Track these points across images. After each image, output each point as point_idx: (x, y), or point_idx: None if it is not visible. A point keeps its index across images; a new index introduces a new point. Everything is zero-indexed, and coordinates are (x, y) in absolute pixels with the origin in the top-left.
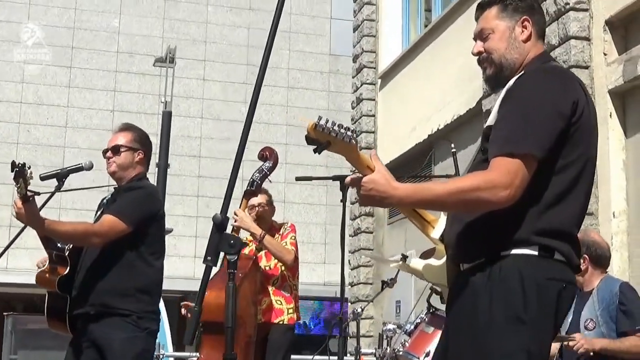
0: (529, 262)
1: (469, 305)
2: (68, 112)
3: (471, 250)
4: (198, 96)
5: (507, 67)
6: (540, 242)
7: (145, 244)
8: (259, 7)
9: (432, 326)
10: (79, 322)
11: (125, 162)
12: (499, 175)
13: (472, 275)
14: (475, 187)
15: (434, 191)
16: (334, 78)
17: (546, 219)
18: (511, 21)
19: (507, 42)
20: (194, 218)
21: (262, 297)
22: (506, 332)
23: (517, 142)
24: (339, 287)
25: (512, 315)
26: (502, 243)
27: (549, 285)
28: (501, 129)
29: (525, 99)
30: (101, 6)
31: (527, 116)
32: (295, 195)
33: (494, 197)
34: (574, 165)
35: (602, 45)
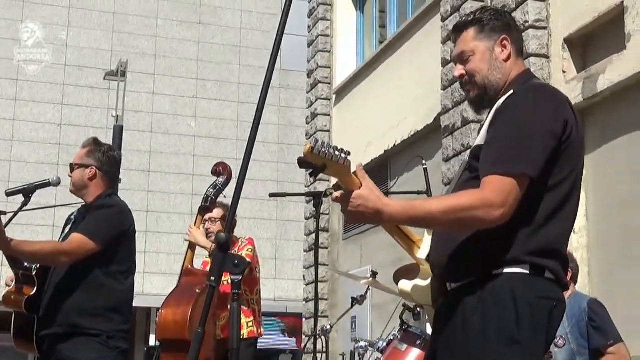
0: (520, 281)
1: (460, 325)
2: (14, 125)
3: (461, 270)
4: (147, 110)
5: (491, 88)
6: (532, 261)
7: (115, 263)
8: (208, 22)
9: (405, 343)
10: (47, 342)
11: (77, 179)
12: (494, 194)
13: (463, 295)
14: (470, 206)
15: (426, 209)
16: (285, 93)
17: (538, 237)
18: (490, 41)
19: (488, 63)
20: (142, 233)
21: (220, 313)
22: (501, 352)
23: (512, 162)
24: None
25: (506, 335)
26: (494, 262)
27: (540, 304)
28: (494, 148)
29: (518, 118)
30: (48, 18)
31: (521, 136)
32: (245, 210)
33: (488, 216)
34: (565, 183)
35: (561, 62)
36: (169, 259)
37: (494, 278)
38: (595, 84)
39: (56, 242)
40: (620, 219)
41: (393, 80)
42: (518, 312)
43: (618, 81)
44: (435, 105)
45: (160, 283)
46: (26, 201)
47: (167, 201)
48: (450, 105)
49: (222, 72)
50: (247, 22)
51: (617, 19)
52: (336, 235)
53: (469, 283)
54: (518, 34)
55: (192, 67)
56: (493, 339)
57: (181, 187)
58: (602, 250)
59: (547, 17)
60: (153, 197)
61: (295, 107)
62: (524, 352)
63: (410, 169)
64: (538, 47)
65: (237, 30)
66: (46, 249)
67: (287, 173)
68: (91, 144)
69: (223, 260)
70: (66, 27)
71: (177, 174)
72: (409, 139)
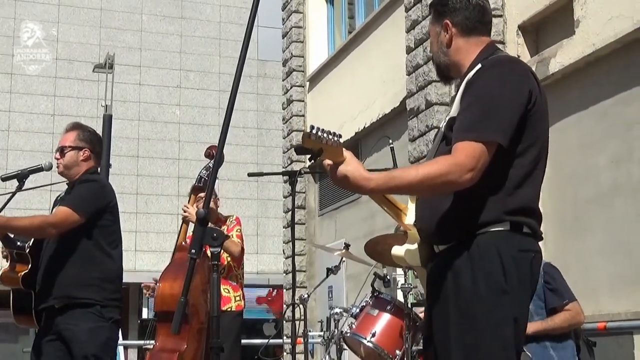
0: (502, 237)
1: (451, 283)
2: (10, 116)
3: (447, 232)
4: (135, 100)
5: (444, 68)
6: (511, 219)
7: (101, 234)
8: (190, 16)
9: (377, 309)
10: (44, 315)
11: (70, 161)
12: (464, 158)
13: (451, 255)
14: (444, 172)
15: (405, 179)
16: (262, 82)
17: (514, 198)
18: (437, 26)
19: (437, 45)
20: (133, 214)
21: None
22: (492, 303)
23: (482, 129)
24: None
25: (496, 287)
26: (476, 223)
27: (522, 256)
28: (466, 117)
29: (486, 89)
30: (39, 15)
31: (490, 105)
32: (228, 190)
33: (459, 178)
34: (533, 148)
35: (516, 47)
36: (158, 238)
37: (478, 237)
38: (548, 66)
39: (44, 216)
40: (570, 191)
41: (362, 67)
42: (504, 266)
43: (568, 64)
44: (401, 90)
45: (151, 260)
46: (20, 185)
47: (155, 184)
48: (415, 89)
49: (203, 63)
50: (225, 15)
51: (567, 6)
52: (312, 211)
53: (456, 244)
54: (469, 12)
55: (176, 58)
56: (484, 292)
57: (168, 171)
58: (556, 219)
59: (502, 5)
60: (142, 180)
61: (273, 94)
62: (512, 301)
63: (378, 149)
64: (494, 34)
65: (216, 24)
66: (34, 222)
67: (266, 155)
68: (77, 127)
69: (203, 233)
70: (56, 24)
71: (164, 158)
72: (377, 121)
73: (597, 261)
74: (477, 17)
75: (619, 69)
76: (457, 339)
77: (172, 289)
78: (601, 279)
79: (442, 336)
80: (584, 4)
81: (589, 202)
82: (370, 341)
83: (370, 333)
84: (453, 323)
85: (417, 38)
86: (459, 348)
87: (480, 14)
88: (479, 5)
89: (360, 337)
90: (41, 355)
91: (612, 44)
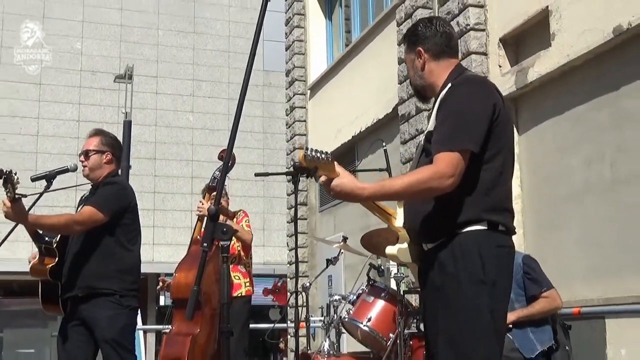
0: (481, 235)
1: (437, 276)
2: (39, 122)
3: (432, 232)
4: (152, 107)
5: (420, 89)
6: (487, 218)
7: (122, 232)
8: (202, 31)
9: (372, 296)
10: (69, 303)
11: (95, 164)
12: (445, 166)
13: (437, 253)
14: (427, 179)
15: (393, 187)
16: (267, 90)
17: (489, 198)
18: (412, 54)
19: (412, 70)
20: (151, 211)
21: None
22: (472, 292)
23: (456, 140)
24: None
25: (475, 279)
26: (457, 223)
27: (499, 251)
28: (441, 131)
29: (457, 106)
30: (64, 31)
31: (461, 120)
32: (237, 189)
33: (441, 185)
34: (500, 154)
35: (498, 59)
36: (173, 232)
37: (460, 235)
38: (526, 76)
39: (70, 214)
40: (548, 190)
41: (358, 77)
42: (483, 260)
43: (545, 73)
44: (393, 97)
45: (167, 252)
46: (48, 185)
47: (171, 184)
48: (406, 96)
49: (214, 74)
50: (234, 31)
51: (544, 21)
52: (313, 208)
53: (441, 242)
54: (438, 38)
55: (189, 70)
56: (465, 284)
57: (182, 172)
58: (534, 215)
59: (485, 20)
60: (159, 180)
61: (277, 102)
62: (491, 292)
63: (373, 151)
64: (478, 46)
65: (226, 38)
66: (62, 220)
67: (271, 157)
68: (100, 133)
69: (214, 228)
70: (81, 38)
71: (179, 160)
72: (372, 126)
73: (572, 253)
74: (445, 42)
75: (591, 78)
76: (443, 328)
77: (187, 279)
78: (576, 268)
79: (432, 325)
80: (559, 19)
81: (565, 200)
82: (366, 325)
83: (366, 318)
84: (440, 314)
85: None
86: (444, 335)
87: (447, 39)
88: (445, 32)
89: (357, 322)
90: (66, 339)
91: (584, 55)
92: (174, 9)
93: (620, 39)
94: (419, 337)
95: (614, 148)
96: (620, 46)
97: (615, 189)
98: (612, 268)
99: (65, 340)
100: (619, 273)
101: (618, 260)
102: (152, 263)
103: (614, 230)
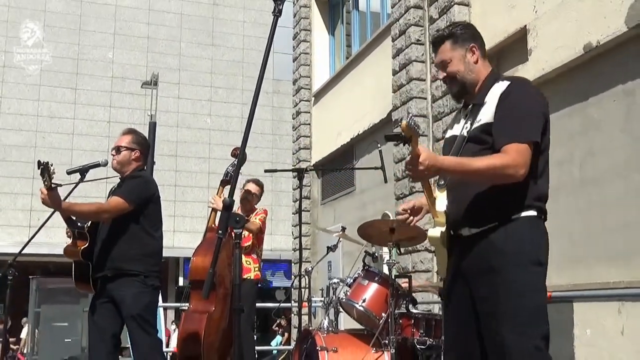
0: (533, 221)
1: (493, 257)
2: (74, 122)
3: (483, 217)
4: (174, 110)
5: (469, 85)
6: (537, 205)
7: (146, 219)
8: (219, 44)
9: (367, 280)
10: (99, 282)
11: (124, 159)
12: (518, 157)
13: (487, 236)
14: (505, 166)
15: (472, 166)
16: (277, 97)
17: (537, 188)
18: (462, 49)
19: (464, 65)
20: (172, 202)
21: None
22: (533, 271)
23: (526, 133)
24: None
25: (535, 260)
26: (511, 209)
27: (545, 237)
28: (509, 124)
29: (521, 102)
30: (98, 42)
31: (526, 115)
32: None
33: (516, 173)
34: (546, 149)
35: None
36: (192, 221)
37: (514, 221)
38: None
39: (100, 203)
40: None
41: (357, 86)
42: (539, 244)
43: None
44: (388, 104)
45: (187, 239)
46: (82, 178)
47: (190, 178)
48: (399, 104)
49: (229, 81)
50: (248, 43)
51: (522, 38)
52: (316, 201)
53: (492, 227)
54: (482, 41)
55: (207, 77)
56: (527, 263)
57: (200, 168)
58: None
59: None
60: (180, 175)
61: (285, 107)
62: (544, 271)
63: (369, 151)
64: None
65: (240, 50)
66: (92, 208)
67: (279, 156)
68: (132, 132)
69: (228, 217)
70: (112, 49)
71: (197, 157)
72: (369, 129)
73: None
74: (484, 45)
75: (563, 89)
76: (504, 310)
77: (204, 262)
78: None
79: (483, 307)
80: (536, 37)
81: None
82: (362, 305)
83: (361, 299)
84: (500, 296)
85: (401, 63)
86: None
87: (485, 45)
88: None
89: (354, 302)
90: (96, 314)
91: (558, 69)
92: (195, 24)
93: (589, 55)
94: (408, 316)
95: (582, 151)
96: (589, 61)
97: (583, 188)
98: (580, 257)
99: (95, 315)
100: (586, 262)
101: (585, 250)
102: (173, 248)
103: (582, 224)
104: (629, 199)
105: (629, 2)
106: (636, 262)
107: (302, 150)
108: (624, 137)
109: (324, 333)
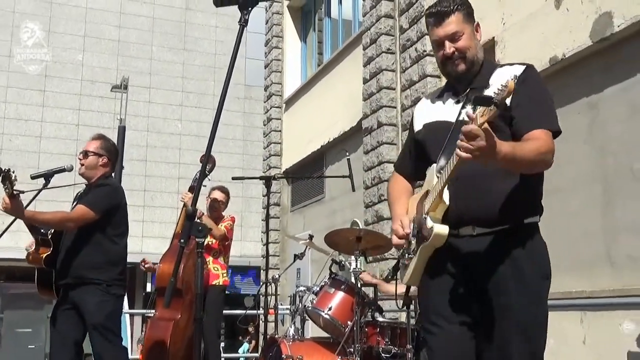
0: (538, 228)
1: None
2: (42, 125)
3: (494, 217)
4: (144, 115)
5: (476, 63)
6: (541, 209)
7: (112, 228)
8: (191, 48)
9: (333, 288)
10: (62, 290)
11: (91, 164)
12: (552, 144)
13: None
14: (547, 151)
15: (524, 151)
16: (248, 103)
17: (540, 190)
18: (471, 25)
19: (473, 42)
20: (141, 207)
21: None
22: (544, 285)
23: (552, 121)
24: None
25: (545, 273)
26: (524, 211)
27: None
28: (533, 109)
29: (541, 88)
30: (68, 44)
31: (548, 101)
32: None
33: (551, 160)
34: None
35: None
36: (161, 227)
37: (526, 227)
38: None
39: (64, 212)
40: None
41: (328, 93)
42: (547, 255)
43: None
44: (358, 112)
45: (155, 244)
46: (46, 183)
47: (160, 183)
48: (369, 112)
49: (200, 86)
50: (220, 49)
51: (490, 50)
52: (285, 208)
53: (506, 229)
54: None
55: (178, 82)
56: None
57: (170, 173)
58: None
59: None
60: (149, 180)
61: (256, 113)
62: (549, 285)
63: (339, 159)
64: (433, 70)
65: (212, 55)
66: (57, 216)
67: (250, 162)
68: (102, 138)
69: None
70: (82, 51)
71: (167, 163)
72: (339, 137)
73: None
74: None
75: None
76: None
77: (169, 270)
78: None
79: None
80: (504, 49)
81: None
82: (327, 314)
83: (327, 307)
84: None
85: (372, 71)
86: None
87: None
88: None
89: (319, 310)
90: (58, 321)
91: None
92: (167, 28)
93: (554, 68)
94: (373, 325)
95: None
96: (554, 74)
97: (547, 198)
98: None
99: (57, 322)
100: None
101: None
102: (141, 254)
103: (545, 233)
104: (591, 209)
105: (593, 17)
106: (598, 272)
107: (272, 156)
108: (587, 149)
109: (290, 341)
